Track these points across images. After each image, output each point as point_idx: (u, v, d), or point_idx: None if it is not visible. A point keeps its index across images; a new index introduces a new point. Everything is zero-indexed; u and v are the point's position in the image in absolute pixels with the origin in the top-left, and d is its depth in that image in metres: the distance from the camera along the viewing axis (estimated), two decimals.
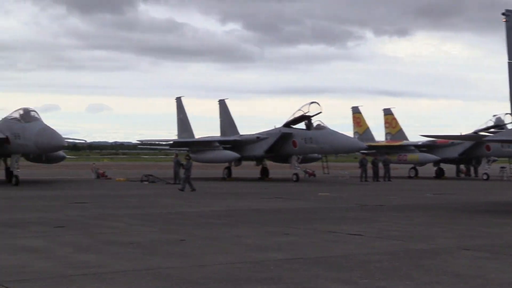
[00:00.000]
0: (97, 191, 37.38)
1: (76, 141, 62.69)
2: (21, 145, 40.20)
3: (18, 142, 40.27)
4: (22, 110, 41.33)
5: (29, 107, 41.61)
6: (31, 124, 39.99)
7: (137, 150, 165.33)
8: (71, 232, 17.63)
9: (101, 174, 53.42)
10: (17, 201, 28.97)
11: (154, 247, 14.72)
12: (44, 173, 59.65)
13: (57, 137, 39.28)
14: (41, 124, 39.90)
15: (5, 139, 40.84)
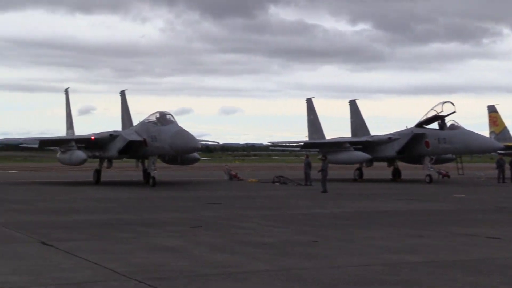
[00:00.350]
0: (230, 192, 38.04)
1: (209, 143, 64.17)
2: (157, 147, 41.67)
3: (154, 145, 41.78)
4: (159, 114, 42.77)
5: (164, 111, 42.93)
6: (167, 127, 41.31)
7: (268, 152, 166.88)
8: (206, 232, 18.03)
9: (234, 175, 54.26)
10: (154, 202, 30.01)
11: (286, 248, 14.75)
12: (179, 175, 61.56)
13: (192, 139, 40.36)
14: (176, 127, 41.16)
15: (143, 141, 42.57)
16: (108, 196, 33.69)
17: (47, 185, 43.85)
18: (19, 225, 19.55)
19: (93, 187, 42.51)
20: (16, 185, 44.48)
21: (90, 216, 22.87)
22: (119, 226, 19.38)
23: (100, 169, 47.27)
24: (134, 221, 20.94)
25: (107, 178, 51.39)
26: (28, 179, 53.25)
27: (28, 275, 11.21)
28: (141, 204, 28.48)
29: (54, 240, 15.97)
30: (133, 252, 13.97)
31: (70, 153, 45.36)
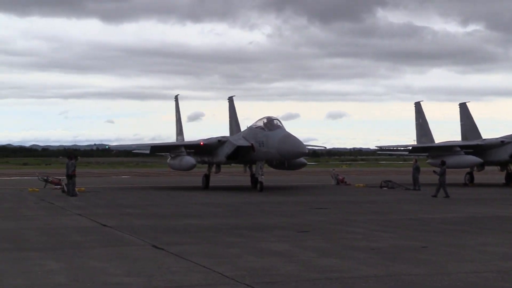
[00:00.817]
0: (337, 197, 37.83)
1: (316, 148, 64.01)
2: (265, 152, 41.94)
3: (262, 150, 42.07)
4: (266, 119, 43.02)
5: (272, 116, 43.14)
6: (274, 132, 41.49)
7: (376, 156, 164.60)
8: (313, 236, 18.00)
9: (341, 180, 53.83)
10: (262, 207, 30.20)
11: (395, 253, 14.52)
12: (286, 180, 61.68)
13: (299, 144, 40.39)
14: (283, 132, 41.27)
15: (251, 146, 43.00)
16: (216, 201, 34.19)
17: (157, 190, 44.98)
18: (131, 228, 20.16)
19: (202, 192, 43.22)
20: (129, 190, 45.85)
21: (199, 220, 23.27)
22: (227, 230, 19.62)
23: (209, 174, 48.01)
24: (242, 226, 21.15)
25: (215, 183, 52.10)
26: (140, 184, 54.86)
27: (141, 277, 11.54)
28: (249, 209, 28.73)
29: (165, 243, 16.35)
30: (241, 256, 14.10)
31: (180, 158, 46.34)
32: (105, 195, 38.75)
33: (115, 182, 58.49)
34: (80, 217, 24.68)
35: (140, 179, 65.32)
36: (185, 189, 46.86)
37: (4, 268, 12.65)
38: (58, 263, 13.26)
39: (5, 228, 20.56)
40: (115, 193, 41.50)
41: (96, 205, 30.89)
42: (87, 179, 62.95)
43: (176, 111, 58.19)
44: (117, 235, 18.47)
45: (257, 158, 43.05)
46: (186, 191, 43.59)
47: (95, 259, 13.83)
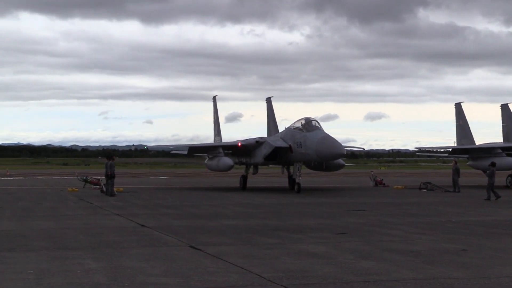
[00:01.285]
0: (375, 198, 37.65)
1: (354, 149, 63.98)
2: (303, 153, 41.88)
3: (300, 151, 42.02)
4: (304, 120, 42.93)
5: (310, 117, 43.00)
6: (312, 133, 41.38)
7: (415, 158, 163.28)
8: (351, 238, 17.94)
9: (379, 181, 53.53)
10: (300, 208, 30.22)
11: (434, 256, 14.37)
12: (324, 181, 61.62)
13: (337, 145, 40.29)
14: (322, 133, 41.15)
15: (289, 148, 43.00)
16: (254, 202, 34.28)
17: (195, 191, 45.29)
18: (169, 229, 20.30)
19: (239, 193, 43.35)
20: (167, 190, 46.16)
21: (236, 221, 23.36)
22: (264, 232, 19.64)
23: (246, 175, 48.13)
24: (279, 227, 21.16)
25: (253, 184, 52.40)
26: (177, 184, 55.25)
27: (178, 278, 11.61)
28: (286, 210, 28.75)
29: (202, 244, 16.44)
30: (279, 258, 14.09)
31: (217, 159, 46.57)
32: (143, 196, 39.11)
33: (153, 182, 59.01)
34: (119, 217, 24.93)
35: (178, 180, 65.72)
36: (223, 190, 47.07)
37: (45, 266, 12.85)
38: (97, 262, 13.41)
39: (45, 227, 20.87)
40: (153, 193, 41.84)
41: (134, 205, 31.19)
42: (126, 179, 63.65)
43: (214, 112, 58.49)
44: (155, 235, 18.61)
45: (294, 159, 43.02)
46: (224, 192, 43.80)
47: (133, 259, 13.94)
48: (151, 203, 32.72)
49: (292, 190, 44.25)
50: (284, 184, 50.09)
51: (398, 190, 47.29)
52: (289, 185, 47.53)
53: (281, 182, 53.28)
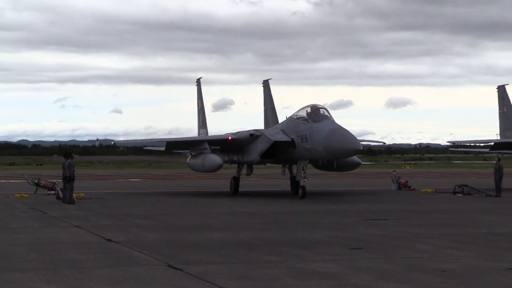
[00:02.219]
0: (398, 205, 37.69)
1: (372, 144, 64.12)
2: (308, 149, 41.83)
3: (305, 146, 41.95)
4: (310, 108, 42.83)
5: (317, 104, 42.92)
6: (320, 124, 41.32)
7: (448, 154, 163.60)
8: (369, 255, 17.99)
9: (403, 184, 53.53)
10: (305, 217, 30.23)
11: (472, 276, 14.42)
12: (334, 183, 61.69)
13: (351, 139, 40.20)
14: (332, 124, 41.09)
15: (291, 142, 43.09)
16: (248, 210, 34.29)
17: (174, 196, 45.29)
18: (142, 244, 20.29)
19: (230, 198, 43.41)
20: (140, 196, 46.21)
21: (227, 234, 23.38)
22: (261, 247, 19.66)
23: (239, 177, 48.16)
24: (279, 241, 21.18)
25: (246, 187, 52.38)
26: (153, 189, 55.29)
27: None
28: (288, 220, 28.75)
29: (183, 263, 16.44)
30: (279, 279, 14.11)
31: (202, 157, 46.52)
32: (110, 203, 39.15)
33: (123, 186, 59.04)
34: (79, 229, 24.91)
35: (154, 183, 65.74)
36: (209, 195, 47.12)
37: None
38: (52, 286, 13.32)
39: None
40: (123, 200, 41.91)
41: (98, 215, 31.19)
42: (88, 182, 63.60)
43: (199, 99, 58.48)
44: (125, 252, 18.60)
45: (298, 156, 42.98)
46: (210, 198, 43.87)
47: (97, 282, 13.93)
48: (120, 212, 32.72)
49: (295, 195, 44.32)
50: (286, 187, 50.14)
51: (427, 195, 47.37)
52: (291, 189, 47.62)
53: (282, 185, 53.42)
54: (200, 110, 58.37)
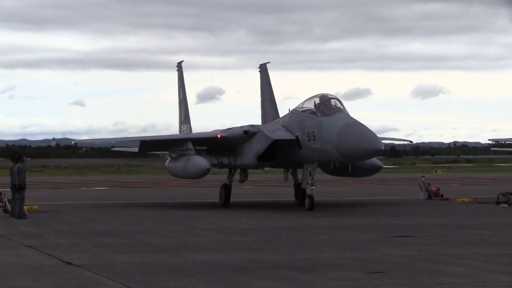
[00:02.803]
0: (428, 218, 37.82)
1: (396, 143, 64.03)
2: (317, 150, 41.72)
3: (312, 146, 41.86)
4: (318, 98, 42.81)
5: (328, 93, 42.98)
6: (331, 118, 41.27)
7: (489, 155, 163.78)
8: (391, 280, 18.04)
9: (434, 192, 53.34)
10: (312, 233, 30.39)
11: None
12: (349, 192, 61.71)
13: (370, 137, 40.19)
14: (346, 118, 41.16)
15: (295, 141, 43.04)
16: (241, 225, 34.40)
17: (151, 209, 45.55)
18: (110, 268, 20.29)
19: (220, 211, 43.52)
20: (107, 208, 46.41)
21: (215, 255, 23.44)
22: (258, 271, 19.70)
23: (230, 185, 48.04)
24: (280, 263, 21.22)
25: (240, 197, 52.38)
26: (123, 199, 55.19)
27: None
28: (292, 238, 28.87)
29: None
30: None
31: (185, 160, 46.38)
32: (70, 217, 39.15)
33: (85, 196, 58.96)
34: (32, 250, 24.86)
35: (124, 192, 65.60)
36: (193, 207, 47.29)
37: None
38: None
39: None
40: (86, 213, 41.99)
41: (56, 232, 31.18)
42: (43, 192, 63.39)
43: (180, 87, 58.32)
44: (88, 279, 18.59)
45: (304, 158, 42.96)
46: (195, 211, 44.08)
47: None
48: (82, 229, 32.79)
49: (300, 206, 44.34)
50: (289, 197, 50.11)
51: (464, 205, 47.41)
52: (295, 199, 47.62)
53: (284, 195, 53.39)
54: (182, 101, 58.08)
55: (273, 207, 46.40)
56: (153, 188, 73.27)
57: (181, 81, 58.23)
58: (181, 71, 58.47)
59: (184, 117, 57.74)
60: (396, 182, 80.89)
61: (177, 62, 59.32)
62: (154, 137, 52.06)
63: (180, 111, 58.36)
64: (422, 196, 53.34)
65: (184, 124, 57.52)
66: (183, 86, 58.10)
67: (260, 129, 45.99)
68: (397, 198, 54.64)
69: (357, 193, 60.89)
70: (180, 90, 58.34)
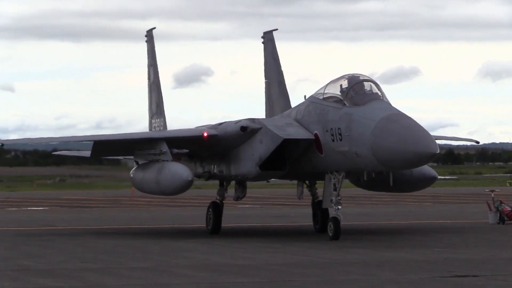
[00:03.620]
0: (500, 250, 38.19)
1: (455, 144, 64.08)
2: (344, 153, 41.98)
3: (338, 148, 42.14)
4: (346, 80, 43.07)
5: (360, 74, 43.50)
6: (365, 108, 41.66)
7: None
8: None
9: (508, 213, 53.35)
10: (337, 273, 30.59)
11: None
12: (388, 213, 62.29)
13: (421, 135, 40.51)
14: (386, 109, 41.54)
15: (314, 140, 43.32)
16: (236, 261, 34.65)
17: (108, 238, 45.84)
18: None
19: (206, 240, 43.77)
20: (47, 237, 46.43)
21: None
22: None
23: (222, 203, 48.28)
24: None
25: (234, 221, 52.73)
26: (70, 224, 55.43)
27: None
28: (307, 278, 28.99)
29: None
30: None
31: (157, 168, 46.33)
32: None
33: (16, 220, 59.24)
34: None
35: (71, 215, 65.90)
36: (170, 235, 47.52)
37: None
38: None
39: None
40: (17, 244, 42.26)
41: None
42: None
43: (150, 66, 58.59)
44: None
45: (327, 166, 43.33)
46: (172, 240, 44.30)
47: None
48: (11, 266, 32.90)
49: (321, 232, 45.18)
50: (304, 220, 50.65)
51: None
52: (314, 223, 48.16)
53: (297, 217, 53.99)
54: (153, 85, 58.20)
55: (282, 235, 46.75)
56: (112, 208, 73.37)
57: (152, 57, 58.22)
58: (152, 43, 58.48)
59: (156, 108, 57.72)
60: (454, 198, 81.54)
61: (147, 30, 59.52)
62: (114, 136, 51.77)
63: (150, 99, 58.51)
64: (491, 219, 53.62)
65: (155, 118, 57.51)
66: (154, 64, 58.10)
67: (264, 124, 45.90)
68: (457, 222, 55.04)
69: (398, 214, 61.18)
70: (150, 70, 58.44)
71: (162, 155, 46.53)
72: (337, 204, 42.51)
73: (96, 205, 77.12)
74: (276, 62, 53.18)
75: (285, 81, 52.77)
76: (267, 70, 53.57)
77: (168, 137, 48.74)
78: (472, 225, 52.32)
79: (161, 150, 46.67)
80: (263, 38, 54.06)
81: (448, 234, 46.92)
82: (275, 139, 44.40)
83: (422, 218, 59.09)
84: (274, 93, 52.70)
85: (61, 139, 56.68)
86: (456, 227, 51.34)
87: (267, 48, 53.68)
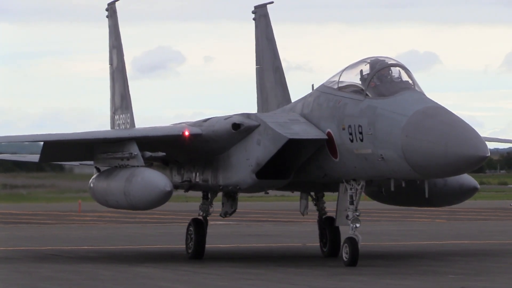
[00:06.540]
0: None
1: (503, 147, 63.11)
2: (365, 156, 40.77)
3: (358, 151, 40.85)
4: (368, 65, 41.62)
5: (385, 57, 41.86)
6: (393, 100, 40.23)
7: None
8: None
9: None
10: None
11: None
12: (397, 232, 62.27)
13: (467, 134, 38.90)
14: (420, 101, 39.99)
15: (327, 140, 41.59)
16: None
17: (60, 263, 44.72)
18: None
19: (172, 265, 42.98)
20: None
21: None
22: None
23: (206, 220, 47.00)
24: None
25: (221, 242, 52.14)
26: (9, 245, 54.58)
27: None
28: None
29: None
30: None
31: (126, 175, 44.87)
32: None
33: None
34: None
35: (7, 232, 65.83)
36: (138, 259, 46.43)
37: None
38: None
39: None
40: None
41: None
42: None
43: (113, 48, 56.79)
44: None
45: (344, 173, 41.88)
46: (142, 266, 43.18)
47: None
48: None
49: (331, 257, 44.22)
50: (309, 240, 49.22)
51: None
52: (321, 245, 47.12)
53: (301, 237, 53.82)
54: (117, 72, 56.44)
55: (280, 260, 45.48)
56: (61, 226, 73.35)
57: (115, 36, 56.41)
58: (115, 19, 56.73)
59: (120, 101, 55.89)
60: (473, 214, 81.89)
61: (108, 2, 57.46)
62: (70, 135, 49.61)
63: (113, 89, 57.04)
64: None
65: (119, 113, 55.70)
66: (118, 46, 56.45)
67: (263, 121, 44.05)
68: (476, 243, 55.14)
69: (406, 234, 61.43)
70: (113, 53, 56.93)
71: (131, 159, 44.48)
72: (354, 221, 40.91)
73: (36, 221, 77.98)
74: (271, 43, 51.29)
75: (282, 67, 50.80)
76: (259, 54, 51.75)
77: (140, 136, 46.63)
78: (494, 246, 52.56)
79: (131, 153, 44.62)
80: (254, 14, 52.19)
81: (466, 257, 46.50)
82: (277, 140, 42.66)
83: (434, 238, 59.47)
84: (269, 81, 50.93)
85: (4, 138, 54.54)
86: (476, 249, 51.17)
87: (260, 26, 51.69)
